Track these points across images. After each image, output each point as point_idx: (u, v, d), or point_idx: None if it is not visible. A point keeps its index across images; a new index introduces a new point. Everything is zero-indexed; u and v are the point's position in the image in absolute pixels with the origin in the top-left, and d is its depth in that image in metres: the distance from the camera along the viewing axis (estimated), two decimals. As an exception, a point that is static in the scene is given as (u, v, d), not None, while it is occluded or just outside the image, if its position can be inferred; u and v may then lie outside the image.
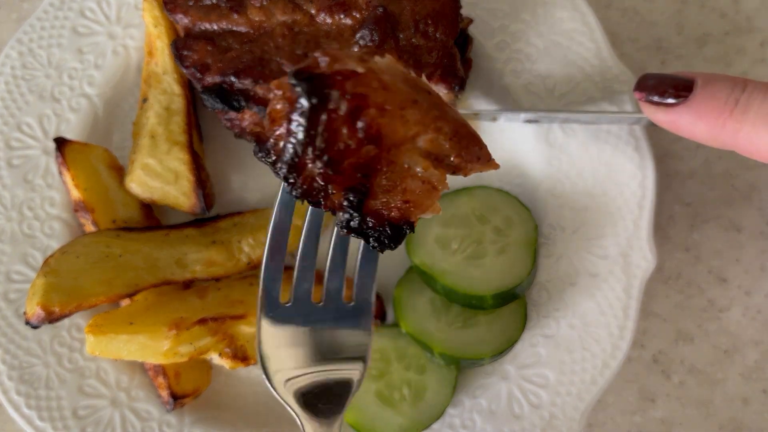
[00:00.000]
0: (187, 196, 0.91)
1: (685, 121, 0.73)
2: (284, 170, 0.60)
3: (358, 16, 0.84)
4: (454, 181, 0.98)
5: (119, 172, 0.95)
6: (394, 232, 0.63)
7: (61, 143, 0.91)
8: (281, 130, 0.62)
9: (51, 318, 0.80)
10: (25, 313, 0.81)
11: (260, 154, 0.66)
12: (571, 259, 0.92)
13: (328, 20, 0.85)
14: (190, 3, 0.88)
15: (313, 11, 0.86)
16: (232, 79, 0.85)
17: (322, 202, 0.62)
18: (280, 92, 0.61)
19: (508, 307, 0.90)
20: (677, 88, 0.74)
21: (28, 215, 0.94)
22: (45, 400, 0.89)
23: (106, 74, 0.98)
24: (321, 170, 0.60)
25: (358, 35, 0.83)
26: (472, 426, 0.90)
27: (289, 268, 0.80)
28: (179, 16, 0.88)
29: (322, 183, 0.61)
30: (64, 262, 0.83)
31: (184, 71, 0.87)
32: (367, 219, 0.62)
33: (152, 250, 0.87)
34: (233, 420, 0.93)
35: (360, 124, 0.58)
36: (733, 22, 1.05)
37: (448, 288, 0.87)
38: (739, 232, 1.00)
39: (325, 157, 0.59)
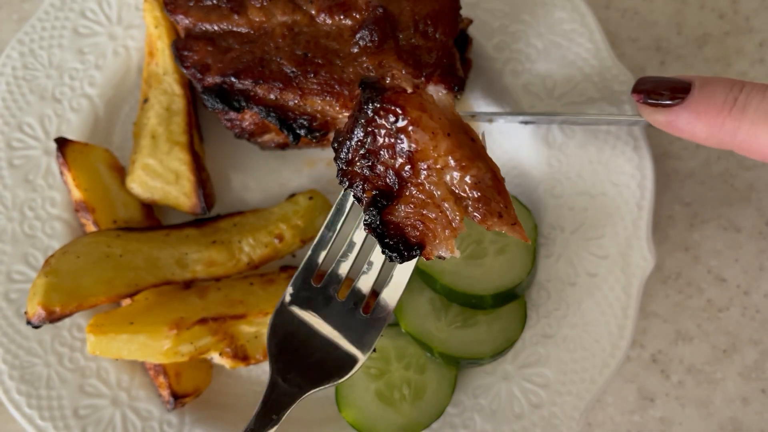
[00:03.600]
0: (188, 196, 0.91)
1: (683, 121, 0.73)
2: (341, 152, 0.70)
3: (358, 16, 0.85)
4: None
5: (120, 172, 0.95)
6: (405, 248, 0.68)
7: (62, 143, 0.91)
8: (346, 129, 0.72)
9: (52, 318, 0.80)
10: (26, 313, 0.81)
11: (333, 143, 0.75)
12: (571, 259, 0.92)
13: (328, 21, 0.85)
14: (191, 3, 0.88)
15: (313, 12, 0.86)
16: (233, 79, 0.85)
17: (360, 198, 0.70)
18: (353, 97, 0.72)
19: (507, 307, 0.90)
20: (674, 89, 0.74)
21: (29, 215, 0.94)
22: (46, 400, 0.90)
23: (107, 75, 0.99)
24: (360, 164, 0.69)
25: (357, 35, 0.84)
26: (472, 425, 0.90)
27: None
28: (180, 17, 0.88)
29: (361, 178, 0.69)
30: (65, 262, 0.83)
31: (185, 72, 0.87)
32: (390, 226, 0.69)
33: (153, 250, 0.88)
34: (233, 419, 0.93)
35: (400, 137, 0.67)
36: (732, 23, 1.05)
37: (448, 288, 0.87)
38: (738, 232, 1.00)
39: (368, 155, 0.68)
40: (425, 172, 0.67)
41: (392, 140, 0.67)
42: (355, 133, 0.69)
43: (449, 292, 0.87)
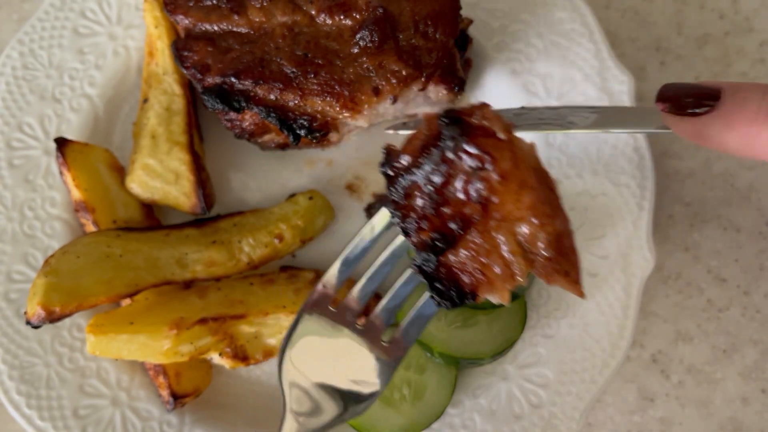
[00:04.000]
0: (188, 196, 0.91)
1: (714, 131, 0.68)
2: (398, 183, 0.65)
3: (358, 16, 0.85)
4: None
5: (120, 172, 0.95)
6: (458, 295, 0.64)
7: (61, 143, 0.91)
8: (405, 156, 0.66)
9: (52, 318, 0.80)
10: (25, 313, 0.81)
11: (385, 167, 0.67)
12: (571, 259, 0.92)
13: (328, 21, 0.85)
14: (191, 4, 0.88)
15: (313, 12, 0.86)
16: (233, 79, 0.85)
17: (411, 234, 0.65)
18: (425, 121, 0.65)
19: (507, 307, 0.90)
20: (703, 97, 0.69)
21: (28, 215, 0.94)
22: (46, 400, 0.90)
23: (107, 75, 0.99)
24: (423, 202, 0.64)
25: (358, 36, 0.84)
26: (472, 426, 0.90)
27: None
28: (180, 17, 0.88)
29: (419, 216, 0.64)
30: (65, 262, 0.83)
31: (185, 72, 0.87)
32: (441, 269, 0.64)
33: (153, 250, 0.88)
34: (233, 419, 0.93)
35: (477, 184, 0.61)
36: (733, 23, 1.05)
37: (448, 288, 0.87)
38: (738, 232, 1.00)
39: (434, 195, 0.63)
40: (496, 221, 0.62)
41: (469, 186, 0.62)
42: (424, 166, 0.63)
43: (449, 292, 0.87)
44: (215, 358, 0.88)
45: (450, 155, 0.62)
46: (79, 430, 0.89)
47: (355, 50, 0.84)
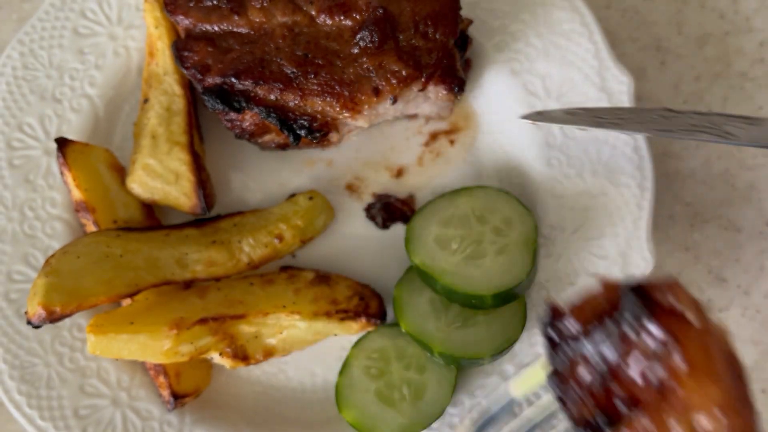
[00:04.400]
0: (188, 196, 0.91)
1: None
2: (563, 350, 0.59)
3: (358, 17, 0.85)
4: (454, 180, 0.98)
5: (120, 172, 0.95)
6: None
7: (62, 144, 0.91)
8: (573, 322, 0.60)
9: (52, 318, 0.80)
10: (26, 313, 0.81)
11: (549, 329, 0.61)
12: (571, 259, 0.92)
13: (329, 21, 0.86)
14: (191, 4, 0.88)
15: (313, 12, 0.86)
16: (233, 80, 0.85)
17: (566, 403, 0.59)
18: (603, 288, 0.59)
19: (507, 307, 0.90)
20: None
21: (29, 215, 0.95)
22: (46, 400, 0.90)
23: (107, 75, 0.99)
24: (590, 376, 0.58)
25: (358, 36, 0.84)
26: (472, 425, 0.90)
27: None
28: (180, 17, 0.88)
29: (582, 389, 0.59)
30: (65, 262, 0.84)
31: (185, 72, 0.87)
32: None
33: (153, 250, 0.88)
34: (234, 419, 0.93)
35: (658, 368, 0.55)
36: (733, 23, 1.05)
37: (448, 288, 0.87)
38: (739, 232, 1.00)
39: (605, 371, 0.57)
40: (671, 406, 0.55)
41: (647, 369, 0.56)
42: (595, 337, 0.57)
43: (449, 292, 0.87)
44: (215, 358, 0.88)
45: (629, 332, 0.56)
46: (79, 429, 0.89)
47: (355, 50, 0.84)
